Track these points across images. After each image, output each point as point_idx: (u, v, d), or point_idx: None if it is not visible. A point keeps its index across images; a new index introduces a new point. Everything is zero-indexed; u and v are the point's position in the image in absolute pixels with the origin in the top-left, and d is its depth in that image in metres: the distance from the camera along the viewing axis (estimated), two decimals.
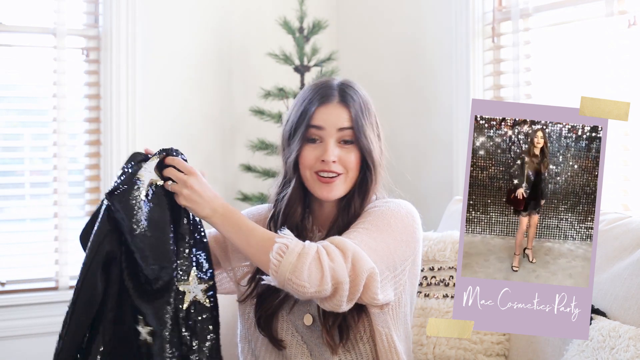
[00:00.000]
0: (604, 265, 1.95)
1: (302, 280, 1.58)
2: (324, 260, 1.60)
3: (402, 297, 1.81)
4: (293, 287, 1.59)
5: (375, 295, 1.66)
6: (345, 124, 1.79)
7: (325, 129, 1.80)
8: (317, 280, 1.59)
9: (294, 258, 1.59)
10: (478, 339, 2.14)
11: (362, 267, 1.62)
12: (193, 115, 3.56)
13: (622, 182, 2.62)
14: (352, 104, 1.81)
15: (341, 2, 3.87)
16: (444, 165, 3.27)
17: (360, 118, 1.80)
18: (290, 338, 1.83)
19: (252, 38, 3.71)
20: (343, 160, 1.80)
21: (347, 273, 1.61)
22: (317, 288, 1.59)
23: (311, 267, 1.58)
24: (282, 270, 1.59)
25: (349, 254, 1.62)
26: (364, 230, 1.72)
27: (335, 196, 1.81)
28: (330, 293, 1.61)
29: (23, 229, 3.46)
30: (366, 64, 3.70)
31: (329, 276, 1.59)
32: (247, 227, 1.68)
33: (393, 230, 1.75)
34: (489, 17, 3.10)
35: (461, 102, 3.16)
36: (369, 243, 1.69)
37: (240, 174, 3.61)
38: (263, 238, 1.66)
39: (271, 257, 1.60)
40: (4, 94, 3.40)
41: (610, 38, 2.61)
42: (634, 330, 1.70)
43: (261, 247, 1.64)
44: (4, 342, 3.21)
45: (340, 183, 1.80)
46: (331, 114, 1.80)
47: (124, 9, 3.35)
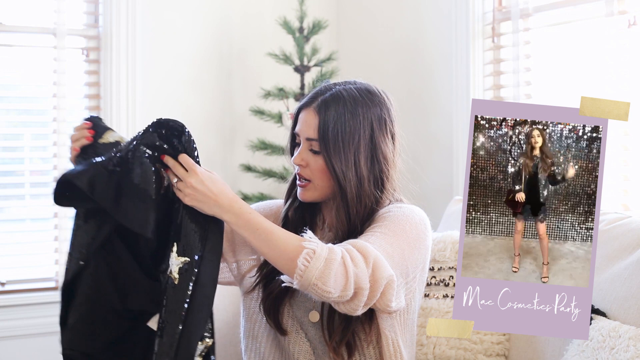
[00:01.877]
0: (604, 265, 1.95)
1: (328, 286, 1.57)
2: (349, 266, 1.58)
3: (412, 304, 1.81)
4: (318, 292, 1.58)
5: (390, 302, 1.65)
6: (311, 135, 1.78)
7: (299, 135, 1.82)
8: (341, 286, 1.58)
9: (322, 264, 1.57)
10: (478, 339, 2.14)
11: (382, 273, 1.61)
12: (193, 115, 3.56)
13: (622, 182, 2.62)
14: (324, 114, 1.76)
15: (341, 2, 3.87)
16: (444, 165, 3.27)
17: (328, 132, 1.75)
18: (294, 335, 1.83)
19: (252, 38, 3.71)
20: (310, 166, 1.79)
21: (368, 279, 1.60)
22: (340, 293, 1.58)
23: (337, 273, 1.57)
24: (308, 276, 1.57)
25: (371, 259, 1.61)
26: (381, 234, 1.70)
27: (307, 199, 1.81)
28: (350, 297, 1.60)
29: (23, 229, 3.46)
30: (366, 64, 3.70)
31: (352, 282, 1.58)
32: (265, 228, 1.63)
33: (407, 236, 1.73)
34: (489, 17, 3.10)
35: (461, 102, 3.16)
36: (387, 249, 1.68)
37: (240, 174, 3.61)
38: (286, 241, 1.62)
39: (299, 263, 1.57)
40: (4, 94, 3.40)
41: (610, 38, 2.61)
42: (634, 330, 1.70)
43: (284, 250, 1.60)
44: (4, 342, 3.21)
45: (310, 188, 1.80)
46: (304, 120, 1.80)
47: (124, 9, 3.35)
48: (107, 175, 1.60)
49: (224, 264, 1.94)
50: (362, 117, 1.77)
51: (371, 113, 1.79)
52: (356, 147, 1.76)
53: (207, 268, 1.63)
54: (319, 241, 1.62)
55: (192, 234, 1.63)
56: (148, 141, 1.63)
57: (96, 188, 1.59)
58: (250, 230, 1.63)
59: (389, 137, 1.82)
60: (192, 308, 1.60)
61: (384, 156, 1.80)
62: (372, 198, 1.78)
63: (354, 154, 1.76)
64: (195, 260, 1.61)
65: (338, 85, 1.82)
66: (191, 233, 1.63)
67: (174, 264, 1.61)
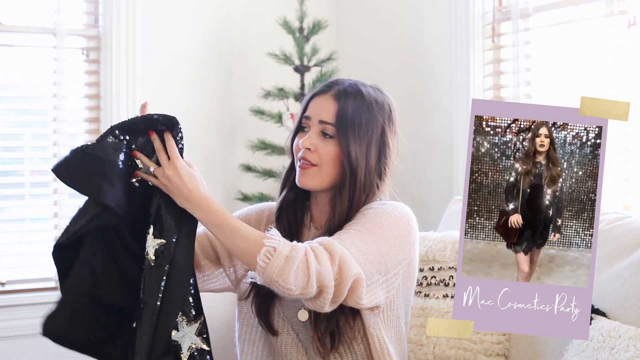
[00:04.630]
0: (604, 265, 1.95)
1: (288, 284, 1.58)
2: (311, 263, 1.60)
3: (395, 300, 1.80)
4: (279, 288, 1.60)
5: (360, 299, 1.66)
6: (327, 118, 1.79)
7: (311, 118, 1.81)
8: (303, 283, 1.59)
9: (282, 261, 1.59)
10: (478, 339, 2.13)
11: (348, 271, 1.62)
12: (193, 115, 3.56)
13: (622, 182, 2.62)
14: (344, 101, 1.79)
15: (341, 2, 3.87)
16: (444, 165, 3.27)
17: (346, 117, 1.78)
18: (285, 336, 1.83)
19: (252, 38, 3.71)
20: (319, 150, 1.79)
21: (333, 276, 1.61)
22: (302, 290, 1.60)
23: (298, 271, 1.59)
24: (268, 273, 1.59)
25: (337, 257, 1.62)
26: (355, 232, 1.71)
27: (308, 184, 1.80)
28: (314, 295, 1.62)
29: (23, 229, 3.46)
30: (366, 64, 3.70)
31: (315, 279, 1.60)
32: (231, 225, 1.66)
33: (385, 233, 1.74)
34: (489, 17, 3.10)
35: (461, 102, 3.16)
36: (359, 246, 1.68)
37: (240, 174, 3.61)
38: (249, 238, 1.64)
39: (259, 260, 1.60)
40: (4, 94, 3.41)
41: (610, 38, 2.61)
42: (634, 330, 1.70)
43: (247, 247, 1.64)
44: (4, 342, 3.21)
45: (314, 173, 1.80)
46: (320, 104, 1.81)
47: (124, 9, 3.35)
48: (81, 154, 1.65)
49: (221, 269, 1.94)
50: (376, 112, 1.82)
51: (383, 111, 1.83)
52: (369, 139, 1.79)
53: (182, 251, 1.66)
54: (282, 239, 1.64)
55: (167, 217, 1.67)
56: (131, 126, 1.68)
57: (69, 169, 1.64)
58: (217, 227, 1.66)
59: (395, 136, 1.86)
60: (168, 288, 1.63)
61: (389, 153, 1.84)
62: (375, 189, 1.81)
63: (367, 144, 1.79)
64: (172, 242, 1.65)
65: (351, 80, 1.85)
66: (167, 217, 1.67)
67: (150, 245, 1.65)
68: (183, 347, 1.67)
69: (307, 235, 1.88)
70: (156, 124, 1.67)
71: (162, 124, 1.67)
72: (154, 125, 1.67)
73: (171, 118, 1.68)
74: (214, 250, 1.91)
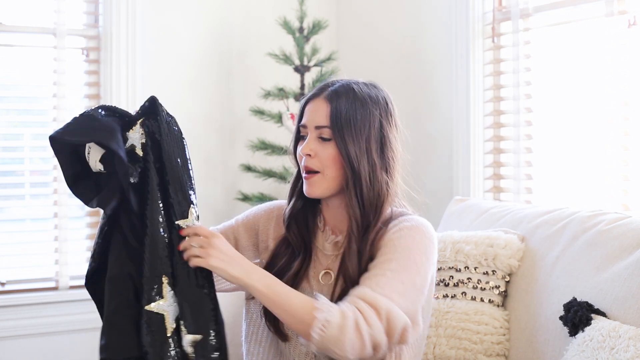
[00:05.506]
0: (604, 265, 1.95)
1: (345, 352, 1.62)
2: (362, 327, 1.62)
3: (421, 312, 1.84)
4: (335, 356, 1.64)
5: (408, 341, 1.72)
6: (322, 122, 1.78)
7: (307, 126, 1.81)
8: (358, 349, 1.63)
9: (336, 332, 1.61)
10: (478, 339, 2.13)
11: (396, 324, 1.66)
12: (193, 115, 3.56)
13: (622, 182, 2.62)
14: (335, 101, 1.78)
15: (341, 2, 3.87)
16: (444, 165, 3.27)
17: (340, 117, 1.76)
18: (295, 339, 1.83)
19: (252, 38, 3.71)
20: (319, 155, 1.78)
21: (384, 332, 1.65)
22: (359, 355, 1.64)
23: (353, 339, 1.62)
24: (324, 344, 1.62)
25: (383, 312, 1.65)
26: (391, 273, 1.70)
27: (315, 193, 1.80)
28: (371, 353, 1.66)
29: (23, 229, 3.46)
30: (366, 64, 3.70)
31: (369, 343, 1.63)
32: (285, 293, 1.67)
33: (418, 266, 1.74)
34: (489, 17, 3.10)
35: (461, 102, 3.16)
36: (398, 288, 1.69)
37: (240, 174, 3.61)
38: (301, 309, 1.65)
39: (314, 335, 1.62)
40: (4, 94, 3.40)
41: (610, 38, 2.61)
42: (634, 330, 1.70)
43: (300, 317, 1.64)
44: (4, 342, 3.21)
45: (318, 181, 1.79)
46: (313, 109, 1.80)
47: (124, 9, 3.35)
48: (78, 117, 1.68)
49: None
50: (371, 107, 1.80)
51: (379, 105, 1.82)
52: (367, 135, 1.78)
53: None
54: (331, 306, 1.65)
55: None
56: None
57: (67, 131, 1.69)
58: (271, 294, 1.66)
59: (395, 128, 1.85)
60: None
61: (392, 146, 1.83)
62: (384, 185, 1.79)
63: (366, 141, 1.78)
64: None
65: (342, 80, 1.84)
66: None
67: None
68: (169, 317, 1.62)
69: (322, 238, 1.88)
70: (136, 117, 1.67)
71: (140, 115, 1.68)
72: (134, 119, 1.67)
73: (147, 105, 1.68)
74: None
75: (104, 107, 1.68)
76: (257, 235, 1.94)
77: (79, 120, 1.66)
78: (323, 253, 1.87)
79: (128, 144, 1.66)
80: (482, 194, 3.12)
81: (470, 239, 2.26)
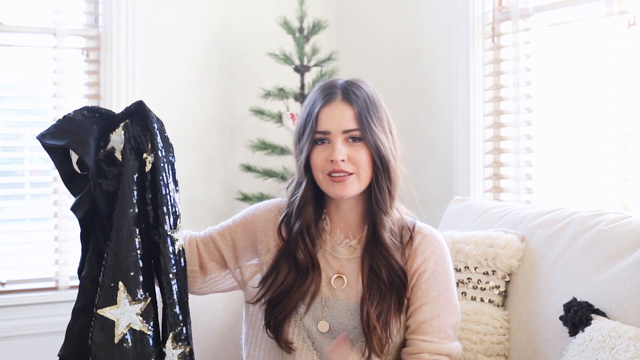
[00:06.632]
0: (604, 265, 1.95)
1: None
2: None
3: None
4: None
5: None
6: (350, 126, 1.78)
7: (331, 132, 1.79)
8: None
9: None
10: (478, 339, 2.13)
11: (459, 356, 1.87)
12: (193, 115, 3.56)
13: (622, 182, 2.62)
14: (355, 101, 1.80)
15: (341, 2, 3.87)
16: (444, 165, 3.27)
17: (365, 115, 1.79)
18: (300, 343, 1.82)
19: (252, 38, 3.71)
20: (353, 158, 1.79)
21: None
22: None
23: None
24: None
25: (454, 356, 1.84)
26: (442, 311, 1.84)
27: (349, 194, 1.80)
28: None
29: (23, 229, 3.46)
30: (366, 64, 3.70)
31: None
32: None
33: (453, 285, 1.88)
34: (489, 17, 3.10)
35: (461, 102, 3.16)
36: (451, 322, 1.85)
37: (240, 174, 3.61)
38: None
39: None
40: (4, 94, 3.40)
41: (610, 38, 2.61)
42: (634, 330, 1.70)
43: None
44: (4, 342, 3.21)
45: (353, 181, 1.79)
46: (334, 115, 1.79)
47: (124, 9, 3.35)
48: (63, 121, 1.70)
49: (227, 271, 1.94)
50: (379, 99, 1.86)
51: (380, 99, 1.88)
52: (387, 126, 1.84)
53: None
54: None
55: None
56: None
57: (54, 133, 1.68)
58: None
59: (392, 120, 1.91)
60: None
61: (395, 133, 1.88)
62: (399, 173, 1.86)
63: (386, 131, 1.83)
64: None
65: (341, 81, 1.86)
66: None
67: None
68: (120, 324, 1.64)
69: (331, 241, 1.87)
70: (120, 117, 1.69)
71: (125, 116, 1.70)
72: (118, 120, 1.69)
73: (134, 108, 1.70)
74: (219, 252, 1.91)
75: (88, 108, 1.71)
76: (255, 235, 1.92)
77: (59, 123, 1.69)
78: (333, 256, 1.86)
79: (109, 146, 1.68)
80: (482, 194, 3.12)
81: (470, 239, 2.26)
